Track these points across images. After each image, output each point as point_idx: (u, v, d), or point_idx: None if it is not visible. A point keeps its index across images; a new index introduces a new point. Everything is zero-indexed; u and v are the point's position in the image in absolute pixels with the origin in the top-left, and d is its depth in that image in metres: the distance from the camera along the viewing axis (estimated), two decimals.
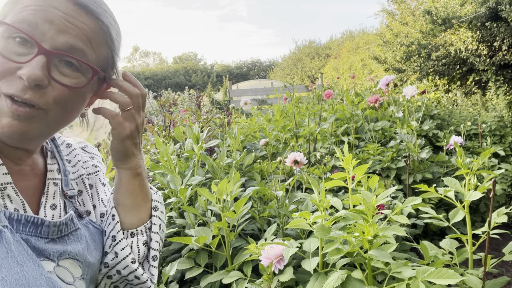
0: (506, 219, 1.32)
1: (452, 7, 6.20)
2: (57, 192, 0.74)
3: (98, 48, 0.66)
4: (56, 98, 0.62)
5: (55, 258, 0.66)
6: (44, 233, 0.66)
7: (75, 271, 0.70)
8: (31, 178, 0.71)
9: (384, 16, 9.52)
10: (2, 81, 0.59)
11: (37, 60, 0.59)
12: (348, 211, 1.24)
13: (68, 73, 0.63)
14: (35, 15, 0.60)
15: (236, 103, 8.13)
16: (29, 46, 0.60)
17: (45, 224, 0.66)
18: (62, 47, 0.61)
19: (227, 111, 3.26)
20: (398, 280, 1.18)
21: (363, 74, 13.34)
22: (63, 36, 0.61)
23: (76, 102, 0.66)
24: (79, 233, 0.73)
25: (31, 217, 0.64)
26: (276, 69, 28.31)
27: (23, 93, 0.59)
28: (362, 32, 21.44)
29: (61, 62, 0.62)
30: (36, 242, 0.64)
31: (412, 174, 2.63)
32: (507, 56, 5.54)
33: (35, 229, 0.65)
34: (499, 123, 3.67)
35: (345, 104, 3.34)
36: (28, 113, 0.60)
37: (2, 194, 0.63)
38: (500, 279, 1.37)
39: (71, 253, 0.69)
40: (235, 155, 2.39)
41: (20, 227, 0.63)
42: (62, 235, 0.69)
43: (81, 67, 0.64)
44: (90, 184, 0.84)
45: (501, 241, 2.72)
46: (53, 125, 0.66)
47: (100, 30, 0.66)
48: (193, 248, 1.66)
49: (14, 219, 0.62)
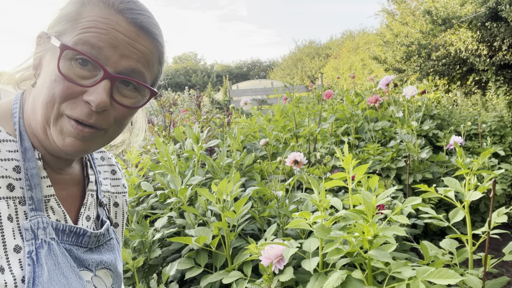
0: (506, 219, 1.32)
1: (452, 7, 6.20)
2: (93, 203, 0.76)
3: (153, 67, 0.68)
4: (116, 118, 0.65)
5: (93, 268, 0.69)
6: (84, 243, 0.68)
7: (107, 281, 0.73)
8: (70, 187, 0.72)
9: (384, 16, 9.53)
10: (66, 103, 0.60)
11: (103, 86, 0.60)
12: (348, 211, 1.24)
13: (128, 94, 0.65)
14: (99, 38, 0.60)
15: (236, 103, 8.13)
16: (91, 69, 0.61)
17: (87, 234, 0.68)
18: (125, 71, 0.63)
19: (227, 111, 3.26)
20: (398, 280, 1.18)
21: (363, 74, 13.35)
22: (126, 61, 0.62)
23: (130, 118, 0.69)
24: (112, 242, 0.76)
25: (74, 227, 0.66)
26: (276, 69, 28.32)
27: (89, 117, 0.61)
28: (362, 32, 21.45)
29: (122, 83, 0.64)
30: (77, 252, 0.66)
31: (412, 174, 2.63)
32: (507, 56, 5.54)
33: (77, 239, 0.67)
34: (499, 123, 3.67)
35: (345, 104, 3.34)
36: (93, 134, 0.63)
37: (46, 206, 0.65)
38: (500, 279, 1.37)
39: (106, 263, 0.72)
40: (235, 155, 2.39)
41: (64, 237, 0.65)
42: (98, 245, 0.72)
43: (138, 87, 0.66)
44: (116, 203, 0.85)
45: (501, 241, 2.72)
46: (108, 141, 0.69)
47: (156, 51, 0.67)
48: (193, 248, 1.66)
49: (59, 230, 0.64)
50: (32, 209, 0.61)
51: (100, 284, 0.71)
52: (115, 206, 0.85)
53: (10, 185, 0.60)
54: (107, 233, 0.75)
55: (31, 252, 0.58)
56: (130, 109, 0.66)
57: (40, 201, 0.62)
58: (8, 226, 0.58)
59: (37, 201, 0.62)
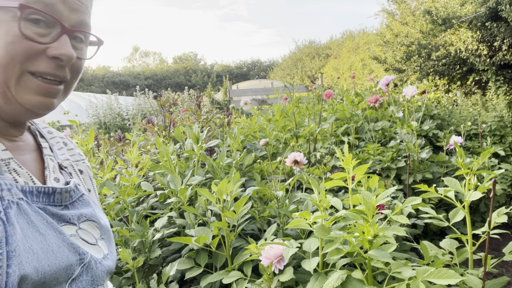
0: (506, 219, 1.32)
1: (452, 7, 6.21)
2: (56, 167, 0.77)
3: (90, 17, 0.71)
4: (73, 71, 0.68)
5: (75, 221, 0.70)
6: (57, 201, 0.69)
7: (95, 232, 0.74)
8: (28, 153, 0.74)
9: (384, 16, 9.53)
10: (27, 62, 0.62)
11: (64, 40, 0.64)
12: (348, 211, 1.24)
13: (79, 46, 0.68)
14: None
15: (236, 103, 8.13)
16: (44, 26, 0.63)
17: (57, 191, 0.69)
18: (77, 24, 0.66)
19: (227, 111, 3.26)
20: (398, 280, 1.18)
21: (363, 74, 13.35)
22: (76, 14, 0.66)
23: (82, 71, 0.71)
24: (85, 198, 0.77)
25: (42, 187, 0.67)
26: (276, 69, 28.32)
27: (59, 71, 0.64)
28: (362, 32, 21.46)
29: (72, 38, 0.67)
30: (53, 210, 0.67)
31: (412, 174, 2.63)
32: (507, 56, 5.54)
33: (48, 198, 0.68)
34: (499, 123, 3.67)
35: (345, 104, 3.34)
36: (58, 90, 0.66)
37: (8, 169, 0.65)
38: (500, 279, 1.37)
39: (87, 215, 0.73)
40: (235, 155, 2.39)
41: (34, 198, 0.65)
42: (72, 201, 0.73)
43: (85, 38, 0.69)
44: (80, 170, 0.86)
45: (501, 241, 2.72)
46: (66, 96, 0.71)
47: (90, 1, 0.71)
48: (193, 248, 1.66)
49: (26, 191, 0.64)
50: None
51: (87, 235, 0.71)
52: (80, 173, 0.86)
53: None
54: (77, 189, 0.75)
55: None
56: (82, 60, 0.69)
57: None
58: None
59: None
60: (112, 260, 0.75)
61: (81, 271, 0.65)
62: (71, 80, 0.69)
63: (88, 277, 0.66)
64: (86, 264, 0.66)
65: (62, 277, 0.61)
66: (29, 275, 0.54)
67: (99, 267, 0.69)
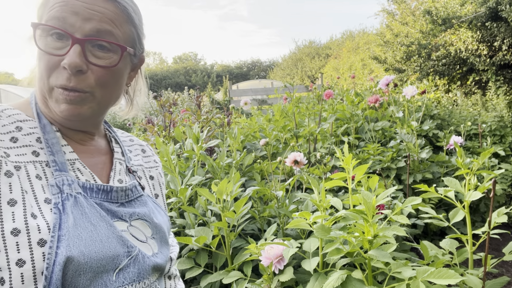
0: (506, 219, 1.32)
1: (452, 7, 6.20)
2: (122, 170, 0.85)
3: (122, 27, 0.74)
4: (97, 80, 0.71)
5: (127, 218, 0.76)
6: (114, 198, 0.76)
7: (146, 231, 0.79)
8: (97, 156, 0.82)
9: (384, 16, 9.53)
10: (52, 76, 0.70)
11: (73, 49, 0.68)
12: (348, 211, 1.24)
13: (102, 56, 0.71)
14: (62, 10, 0.68)
15: (236, 103, 8.12)
16: (64, 40, 0.69)
17: (114, 189, 0.76)
18: (92, 33, 0.69)
19: (227, 111, 3.26)
20: (398, 280, 1.18)
21: (363, 74, 13.35)
22: (90, 23, 0.69)
23: (115, 80, 0.75)
24: (143, 198, 0.83)
25: (101, 185, 0.75)
26: (276, 69, 28.31)
27: (69, 81, 0.69)
28: (362, 32, 21.45)
29: (94, 47, 0.71)
30: (108, 206, 0.74)
31: (412, 174, 2.63)
32: (507, 56, 5.54)
33: (106, 195, 0.75)
34: (499, 123, 3.67)
35: (345, 104, 3.34)
36: (78, 97, 0.70)
37: (72, 168, 0.75)
38: (500, 279, 1.37)
39: (140, 214, 0.79)
40: (235, 155, 2.39)
41: (93, 194, 0.73)
42: (129, 200, 0.79)
43: (112, 48, 0.72)
44: (151, 176, 0.94)
45: (501, 241, 2.72)
46: (102, 104, 0.75)
47: (118, 11, 0.73)
48: (193, 248, 1.66)
49: (87, 188, 0.73)
50: (56, 169, 0.70)
51: (137, 233, 0.77)
52: (151, 179, 0.93)
53: (34, 152, 0.71)
54: (135, 189, 0.82)
55: (57, 203, 0.67)
56: (107, 68, 0.72)
57: (63, 164, 0.72)
58: (37, 183, 0.68)
59: (60, 163, 0.71)
60: (161, 259, 0.79)
61: (129, 263, 0.70)
62: (99, 89, 0.72)
63: (135, 269, 0.71)
64: (133, 257, 0.71)
65: (109, 265, 0.67)
66: (75, 257, 0.62)
67: (147, 261, 0.74)
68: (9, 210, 0.63)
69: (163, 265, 0.80)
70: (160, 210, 0.88)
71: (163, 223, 0.84)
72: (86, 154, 0.80)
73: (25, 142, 0.71)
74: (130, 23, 0.75)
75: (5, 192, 0.64)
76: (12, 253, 0.60)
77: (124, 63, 0.76)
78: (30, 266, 0.61)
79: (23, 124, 0.74)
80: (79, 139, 0.80)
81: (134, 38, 0.77)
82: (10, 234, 0.61)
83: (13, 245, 0.60)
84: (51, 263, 0.61)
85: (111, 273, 0.68)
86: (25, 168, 0.68)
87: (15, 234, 0.61)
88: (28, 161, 0.69)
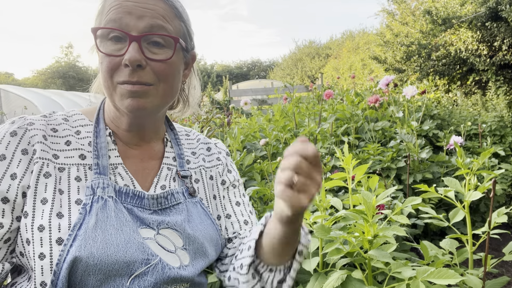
0: (506, 219, 1.32)
1: (452, 7, 6.21)
2: (169, 176, 0.85)
3: (173, 22, 0.77)
4: (157, 74, 0.74)
5: (154, 226, 0.76)
6: (146, 205, 0.77)
7: (176, 241, 0.77)
8: (147, 160, 0.84)
9: (384, 16, 9.54)
10: (114, 75, 0.73)
11: (132, 47, 0.72)
12: (348, 211, 1.24)
13: (158, 51, 0.75)
14: (116, 12, 0.72)
15: (236, 103, 8.12)
16: (122, 41, 0.73)
17: (146, 197, 0.77)
18: (146, 29, 0.73)
19: (227, 111, 3.26)
20: (398, 280, 1.18)
21: (363, 74, 13.36)
22: (143, 21, 0.73)
23: (172, 73, 0.78)
24: (180, 207, 0.82)
25: (136, 191, 0.77)
26: (276, 69, 28.33)
27: (132, 77, 0.72)
28: (362, 32, 21.47)
29: (150, 44, 0.74)
30: (139, 212, 0.75)
31: (412, 174, 2.63)
32: (507, 56, 5.54)
33: (140, 201, 0.77)
34: (499, 123, 3.67)
35: (345, 104, 3.34)
36: (142, 89, 0.73)
37: (113, 172, 0.78)
38: (500, 279, 1.37)
39: (169, 223, 0.78)
40: (235, 155, 2.39)
41: (128, 199, 0.75)
42: (163, 208, 0.79)
43: (166, 43, 0.75)
44: (211, 176, 0.93)
45: (501, 241, 2.72)
46: (164, 98, 0.78)
47: (168, 7, 0.76)
48: None
49: (122, 192, 0.75)
50: (96, 172, 0.74)
51: (165, 242, 0.76)
52: (210, 179, 0.92)
53: (82, 155, 0.76)
54: (172, 197, 0.81)
55: (86, 204, 0.70)
56: (164, 62, 0.75)
57: (105, 167, 0.76)
58: (74, 184, 0.73)
59: (102, 167, 0.75)
60: (190, 272, 0.76)
61: (146, 271, 0.70)
62: (159, 82, 0.75)
63: (152, 278, 0.71)
64: (152, 266, 0.71)
65: (123, 270, 0.68)
66: (83, 257, 0.65)
67: (167, 272, 0.73)
68: (40, 208, 0.69)
69: (190, 278, 0.76)
70: (206, 218, 0.84)
71: (202, 233, 0.80)
72: (135, 159, 0.83)
73: (76, 146, 0.77)
74: (179, 19, 0.79)
75: (41, 191, 0.70)
76: (37, 246, 0.67)
77: (178, 57, 0.78)
78: (48, 261, 0.66)
79: (83, 129, 0.80)
80: (134, 144, 0.84)
81: (185, 32, 0.80)
82: (37, 229, 0.67)
83: (38, 240, 0.67)
84: (62, 259, 0.65)
85: (125, 278, 0.69)
86: (68, 170, 0.74)
87: (41, 230, 0.67)
88: (73, 163, 0.75)
